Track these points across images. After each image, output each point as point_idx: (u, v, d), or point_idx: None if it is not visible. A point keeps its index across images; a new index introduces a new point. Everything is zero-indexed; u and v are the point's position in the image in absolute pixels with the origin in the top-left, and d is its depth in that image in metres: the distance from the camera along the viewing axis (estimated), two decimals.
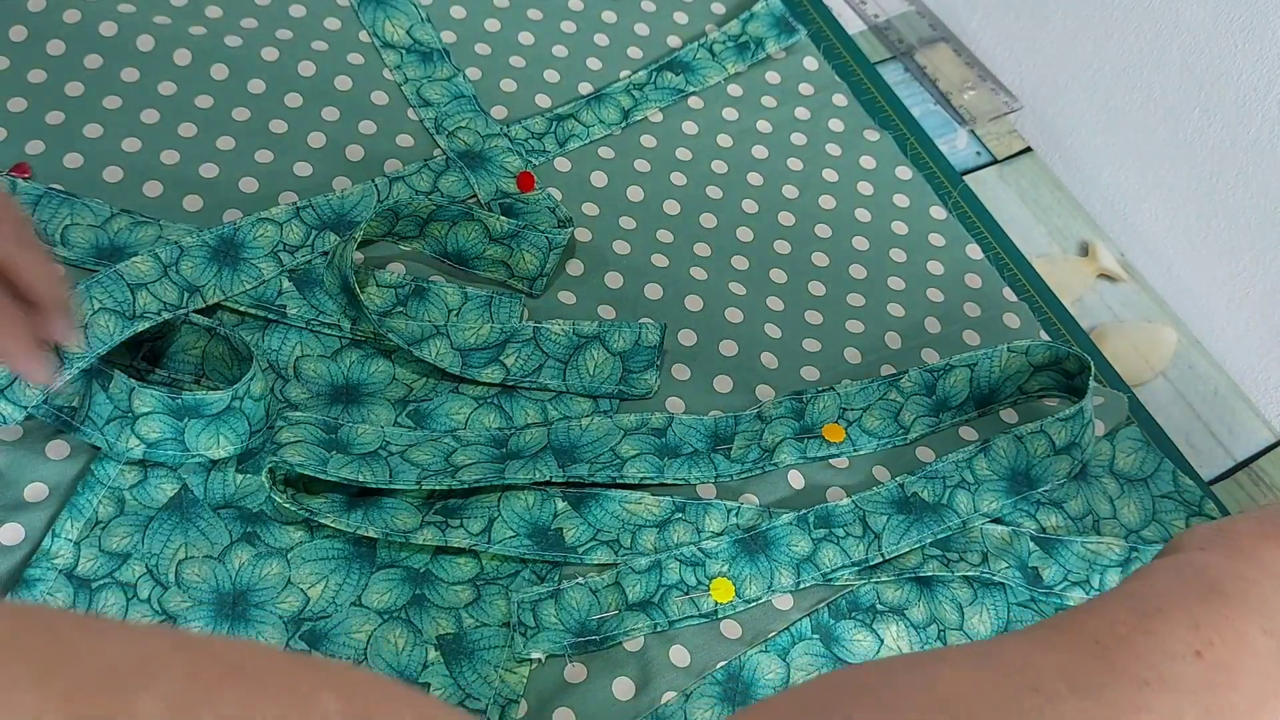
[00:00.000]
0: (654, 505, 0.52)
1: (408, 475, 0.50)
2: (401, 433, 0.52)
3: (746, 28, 0.72)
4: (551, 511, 0.51)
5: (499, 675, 0.47)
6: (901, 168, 0.69)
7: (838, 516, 0.53)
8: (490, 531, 0.50)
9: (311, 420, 0.51)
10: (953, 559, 0.53)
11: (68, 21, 0.62)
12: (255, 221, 0.56)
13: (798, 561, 0.51)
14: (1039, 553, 0.54)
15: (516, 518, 0.50)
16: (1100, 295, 0.68)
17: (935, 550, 0.53)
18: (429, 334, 0.55)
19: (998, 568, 0.53)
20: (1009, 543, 0.54)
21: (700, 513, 0.52)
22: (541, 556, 0.50)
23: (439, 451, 0.51)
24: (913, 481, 0.55)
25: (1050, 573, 0.53)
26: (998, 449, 0.55)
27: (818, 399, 0.57)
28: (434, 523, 0.50)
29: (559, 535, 0.51)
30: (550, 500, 0.51)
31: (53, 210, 0.55)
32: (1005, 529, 0.54)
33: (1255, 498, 0.62)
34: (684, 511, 0.52)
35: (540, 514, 0.51)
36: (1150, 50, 0.69)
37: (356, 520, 0.49)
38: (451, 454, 0.51)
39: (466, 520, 0.50)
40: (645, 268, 0.61)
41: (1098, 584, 0.53)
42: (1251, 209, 0.66)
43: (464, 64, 0.67)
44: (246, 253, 0.55)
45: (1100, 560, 0.54)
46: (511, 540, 0.50)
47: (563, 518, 0.51)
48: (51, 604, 0.46)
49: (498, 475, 0.50)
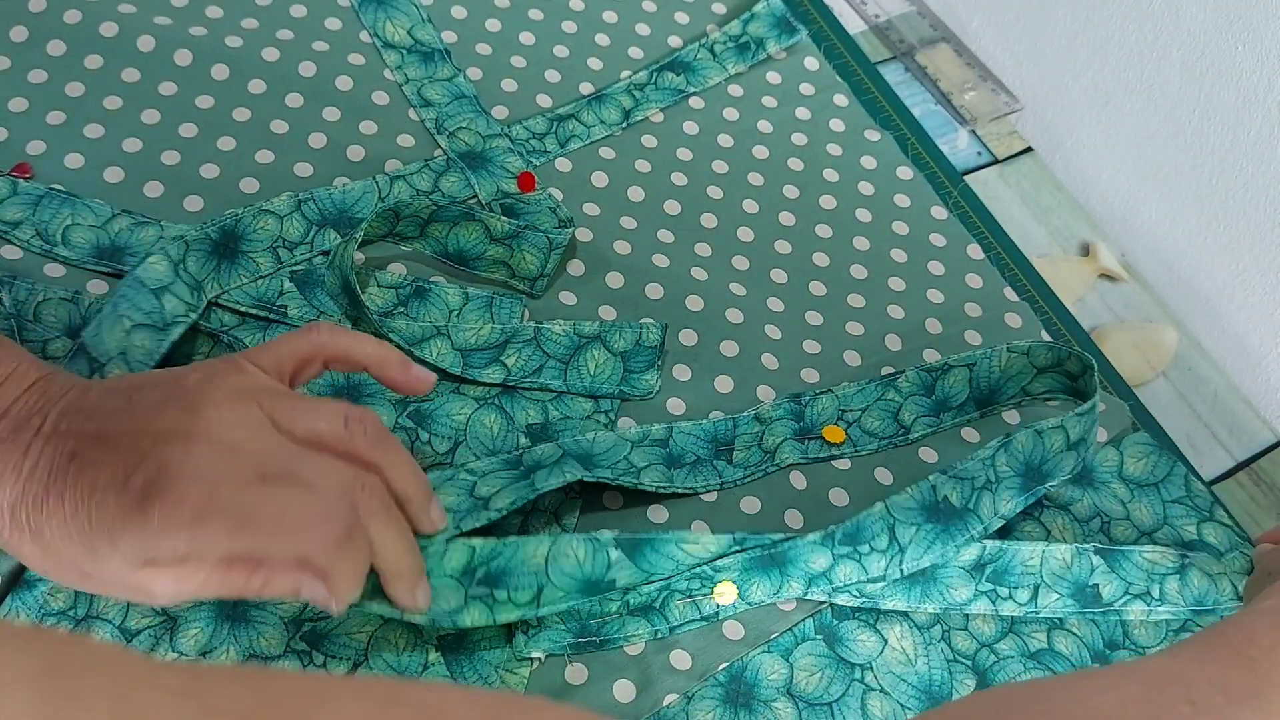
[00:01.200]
0: (712, 544, 0.49)
1: (448, 530, 0.47)
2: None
3: (747, 28, 0.72)
4: (605, 563, 0.46)
5: (499, 676, 0.47)
6: (902, 168, 0.69)
7: (866, 530, 0.50)
8: (539, 600, 0.46)
9: None
10: (1002, 595, 0.52)
11: (68, 22, 0.62)
12: (256, 213, 0.56)
13: (811, 576, 0.50)
14: (1103, 567, 0.52)
15: (566, 578, 0.46)
16: (1101, 295, 0.68)
17: (988, 585, 0.52)
18: (430, 334, 0.55)
19: (1046, 602, 0.52)
20: (1069, 565, 0.52)
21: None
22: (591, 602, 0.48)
23: (461, 489, 0.49)
24: (945, 482, 0.52)
25: (1111, 588, 0.52)
26: (1017, 444, 0.54)
27: (816, 400, 0.57)
28: (479, 596, 0.45)
29: (612, 585, 0.47)
30: (603, 551, 0.47)
31: (53, 211, 0.55)
32: (1067, 548, 0.52)
33: (1256, 498, 0.62)
34: (742, 546, 0.49)
35: (594, 568, 0.46)
36: (1151, 51, 0.69)
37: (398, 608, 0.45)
38: (473, 488, 0.49)
39: (514, 591, 0.45)
40: (646, 268, 0.61)
41: (1157, 594, 0.52)
42: (1252, 209, 0.66)
43: (465, 64, 0.67)
44: (246, 245, 0.55)
45: (1158, 569, 0.53)
46: (562, 599, 0.46)
47: (617, 568, 0.47)
48: (52, 604, 0.46)
49: (529, 490, 0.48)
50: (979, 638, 0.52)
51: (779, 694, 0.49)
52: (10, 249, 0.54)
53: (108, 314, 0.50)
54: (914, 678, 0.50)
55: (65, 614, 0.46)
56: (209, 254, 0.54)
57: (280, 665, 0.46)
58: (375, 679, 0.43)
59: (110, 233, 0.55)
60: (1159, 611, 0.53)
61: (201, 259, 0.54)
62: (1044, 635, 0.53)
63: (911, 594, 0.51)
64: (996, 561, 0.52)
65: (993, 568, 0.52)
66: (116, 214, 0.56)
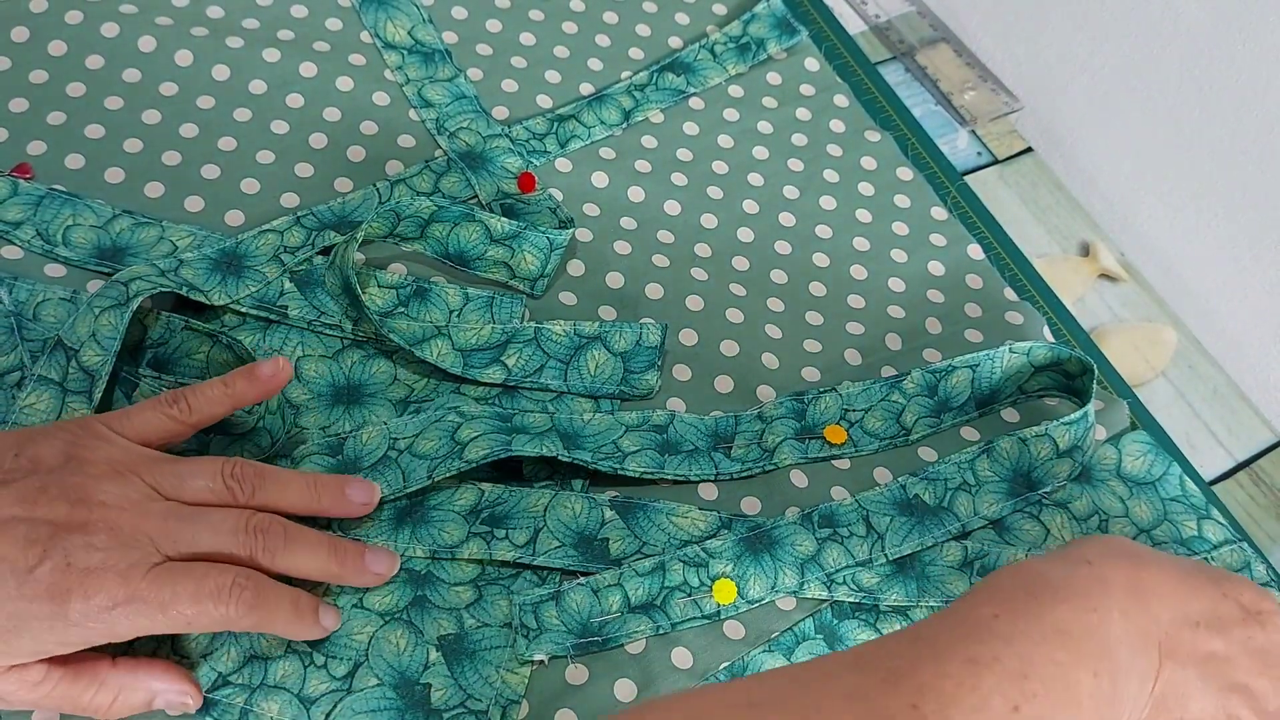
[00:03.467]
0: (700, 520, 0.52)
1: (419, 472, 0.50)
2: (404, 422, 0.52)
3: (748, 29, 0.72)
4: (599, 520, 0.51)
5: (500, 676, 0.47)
6: (902, 168, 0.69)
7: (841, 516, 0.53)
8: (536, 543, 0.50)
9: (317, 449, 0.51)
10: None
11: (69, 22, 0.62)
12: (257, 234, 0.56)
13: (802, 561, 0.51)
14: None
15: (563, 527, 0.50)
16: (1101, 295, 0.68)
17: (980, 580, 0.52)
18: (430, 334, 0.55)
19: None
20: None
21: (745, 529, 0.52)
22: (586, 569, 0.50)
23: (443, 432, 0.51)
24: (914, 483, 0.55)
25: None
26: (1001, 451, 0.55)
27: (819, 400, 0.57)
28: (480, 534, 0.49)
29: (604, 546, 0.50)
30: (598, 509, 0.51)
31: (54, 211, 0.55)
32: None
33: (1256, 498, 0.62)
34: (730, 528, 0.52)
35: (587, 522, 0.51)
36: (1150, 50, 0.69)
37: (405, 540, 0.49)
38: (456, 430, 0.51)
39: (512, 531, 0.50)
40: (646, 268, 0.61)
41: None
42: (1252, 208, 0.66)
43: (465, 64, 0.67)
44: (250, 261, 0.55)
45: None
46: (557, 551, 0.49)
47: (610, 527, 0.51)
48: None
49: (504, 447, 0.50)
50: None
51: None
52: (11, 249, 0.55)
53: (82, 309, 0.50)
54: None
55: None
56: (210, 270, 0.54)
57: (280, 666, 0.46)
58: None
59: (111, 233, 0.56)
60: None
61: (202, 273, 0.54)
62: None
63: (909, 589, 0.51)
64: (984, 559, 0.53)
65: (980, 564, 0.53)
66: (117, 214, 0.56)
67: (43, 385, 0.48)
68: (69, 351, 0.49)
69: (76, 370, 0.48)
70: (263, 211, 0.58)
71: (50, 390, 0.48)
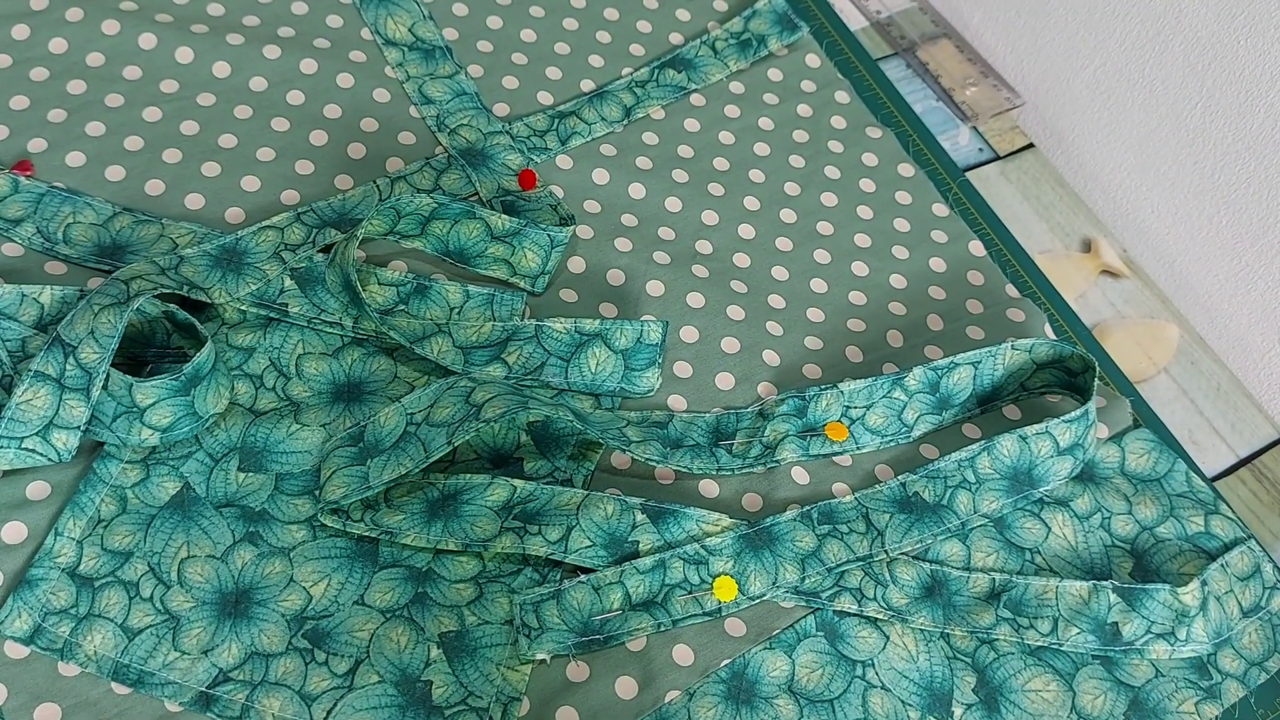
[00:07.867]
0: (730, 527, 0.51)
1: (438, 440, 0.49)
2: (418, 396, 0.52)
3: (749, 25, 0.72)
4: (630, 523, 0.50)
5: (501, 673, 0.47)
6: (904, 164, 0.69)
7: (841, 513, 0.53)
8: (568, 540, 0.49)
9: (340, 443, 0.51)
10: (1023, 624, 0.51)
11: (70, 20, 0.62)
12: (257, 231, 0.56)
13: (803, 557, 0.51)
14: (1121, 605, 0.52)
15: (595, 527, 0.50)
16: (1103, 291, 0.68)
17: (1007, 613, 0.51)
18: (431, 332, 0.55)
19: (1068, 635, 0.51)
20: (1086, 600, 0.52)
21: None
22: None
23: (458, 396, 0.51)
24: (914, 480, 0.54)
25: (1132, 627, 0.51)
26: (1001, 449, 0.55)
27: (821, 397, 0.57)
28: (512, 529, 0.49)
29: (635, 549, 0.50)
30: (630, 511, 0.51)
31: (55, 208, 0.55)
32: (1084, 584, 0.52)
33: (1258, 494, 0.62)
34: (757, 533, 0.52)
35: (619, 525, 0.50)
36: (1152, 46, 0.69)
37: (437, 533, 0.49)
38: (471, 393, 0.51)
39: (545, 528, 0.50)
40: (647, 265, 0.61)
41: (1184, 635, 0.51)
42: (1254, 204, 0.66)
43: (466, 61, 0.67)
44: (250, 258, 0.55)
45: (1188, 611, 0.52)
46: (588, 550, 0.49)
47: (641, 530, 0.50)
48: (54, 603, 0.46)
49: (521, 407, 0.50)
50: (979, 635, 0.52)
51: (781, 691, 0.49)
52: (11, 246, 0.55)
53: (81, 306, 0.50)
54: (915, 675, 0.50)
55: (66, 613, 0.46)
56: (210, 267, 0.54)
57: (281, 663, 0.46)
58: None
59: (111, 230, 0.55)
60: (1183, 651, 0.52)
61: (202, 270, 0.54)
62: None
63: (935, 615, 0.51)
64: (1010, 591, 0.52)
65: (1008, 596, 0.52)
66: (118, 212, 0.56)
67: (40, 382, 0.48)
68: (67, 349, 0.49)
69: (74, 367, 0.48)
70: (263, 208, 0.58)
71: (48, 387, 0.48)
